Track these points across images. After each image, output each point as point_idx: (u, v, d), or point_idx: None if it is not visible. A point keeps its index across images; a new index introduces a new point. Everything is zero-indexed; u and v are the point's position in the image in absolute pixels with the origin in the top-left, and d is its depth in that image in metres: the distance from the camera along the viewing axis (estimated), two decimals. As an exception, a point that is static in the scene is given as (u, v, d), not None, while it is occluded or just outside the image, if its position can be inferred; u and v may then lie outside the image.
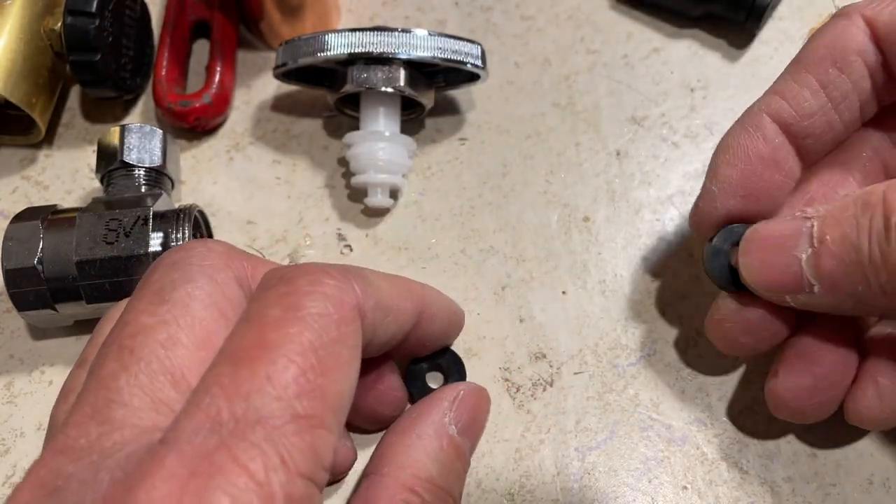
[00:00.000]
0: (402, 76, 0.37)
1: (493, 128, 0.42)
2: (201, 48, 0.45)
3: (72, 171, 0.42)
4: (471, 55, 0.37)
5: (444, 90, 0.41)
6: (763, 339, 0.31)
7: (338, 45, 0.36)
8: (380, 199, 0.38)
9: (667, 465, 0.34)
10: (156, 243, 0.33)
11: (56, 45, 0.40)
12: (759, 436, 0.34)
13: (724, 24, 0.43)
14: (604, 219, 0.39)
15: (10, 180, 0.42)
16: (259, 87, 0.43)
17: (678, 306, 0.37)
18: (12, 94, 0.38)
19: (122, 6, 0.41)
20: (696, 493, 0.33)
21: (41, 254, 0.33)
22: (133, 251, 0.33)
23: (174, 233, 0.34)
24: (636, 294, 0.37)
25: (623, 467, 0.34)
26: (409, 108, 0.40)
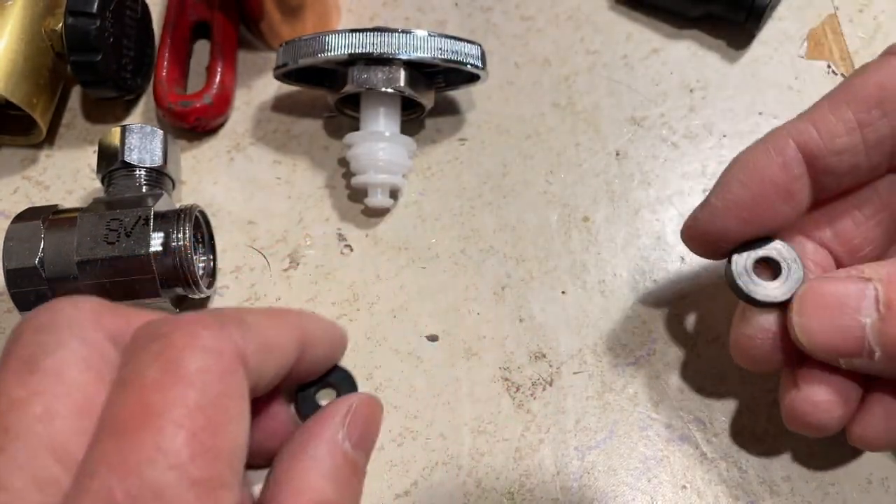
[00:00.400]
0: (402, 77, 0.37)
1: (493, 128, 0.42)
2: (202, 48, 0.45)
3: (73, 172, 0.42)
4: (471, 56, 0.37)
5: (444, 90, 0.42)
6: (794, 357, 0.30)
7: (338, 46, 0.36)
8: (380, 199, 0.39)
9: (666, 464, 0.34)
10: (157, 243, 0.34)
11: (57, 45, 0.40)
12: (758, 435, 0.34)
13: (724, 24, 0.43)
14: (603, 219, 0.39)
15: (11, 180, 0.42)
16: (259, 87, 0.44)
17: (677, 306, 0.37)
18: (13, 94, 0.38)
19: (123, 7, 0.41)
20: (696, 492, 0.33)
21: (42, 254, 0.33)
22: (134, 251, 0.33)
23: (175, 233, 0.34)
24: (635, 294, 0.37)
25: (622, 466, 0.34)
26: (409, 108, 0.40)
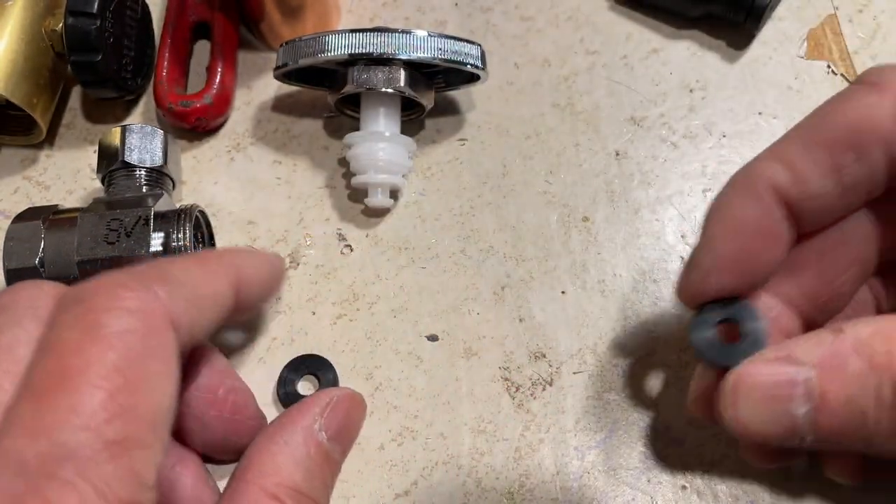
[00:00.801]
0: (402, 77, 0.37)
1: (493, 128, 0.42)
2: (202, 49, 0.45)
3: (73, 172, 0.42)
4: (471, 56, 0.37)
5: (444, 90, 0.42)
6: None
7: (338, 46, 0.36)
8: (380, 199, 0.39)
9: (666, 464, 0.34)
10: (157, 243, 0.34)
11: (57, 45, 0.40)
12: (758, 435, 0.34)
13: (724, 24, 0.43)
14: (603, 219, 0.39)
15: (11, 180, 0.42)
16: (260, 87, 0.44)
17: (677, 306, 0.37)
18: (13, 94, 0.38)
19: (123, 7, 0.41)
20: (696, 492, 0.33)
21: (42, 254, 0.33)
22: (134, 251, 0.33)
23: (175, 233, 0.34)
24: (635, 294, 0.37)
25: (622, 466, 0.34)
26: (409, 108, 0.40)
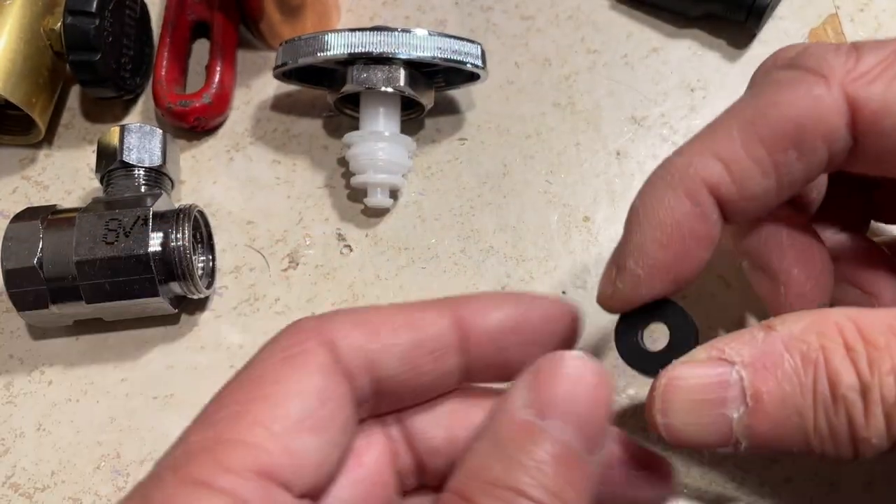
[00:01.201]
0: (401, 76, 0.37)
1: (493, 128, 0.42)
2: (201, 48, 0.45)
3: (72, 171, 0.42)
4: (471, 55, 0.37)
5: (444, 90, 0.41)
6: None
7: (338, 45, 0.36)
8: (380, 199, 0.38)
9: (667, 465, 0.34)
10: (155, 243, 0.33)
11: (56, 44, 0.40)
12: (759, 436, 0.34)
13: (724, 23, 0.43)
14: (604, 219, 0.39)
15: (9, 180, 0.42)
16: (259, 86, 0.43)
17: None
18: (12, 94, 0.38)
19: (122, 6, 0.41)
20: (696, 492, 0.33)
21: (41, 254, 0.33)
22: (133, 251, 0.33)
23: (174, 233, 0.34)
24: (636, 294, 0.37)
25: (623, 467, 0.34)
26: (408, 108, 0.40)
